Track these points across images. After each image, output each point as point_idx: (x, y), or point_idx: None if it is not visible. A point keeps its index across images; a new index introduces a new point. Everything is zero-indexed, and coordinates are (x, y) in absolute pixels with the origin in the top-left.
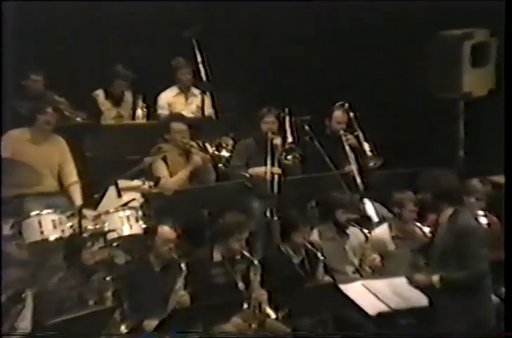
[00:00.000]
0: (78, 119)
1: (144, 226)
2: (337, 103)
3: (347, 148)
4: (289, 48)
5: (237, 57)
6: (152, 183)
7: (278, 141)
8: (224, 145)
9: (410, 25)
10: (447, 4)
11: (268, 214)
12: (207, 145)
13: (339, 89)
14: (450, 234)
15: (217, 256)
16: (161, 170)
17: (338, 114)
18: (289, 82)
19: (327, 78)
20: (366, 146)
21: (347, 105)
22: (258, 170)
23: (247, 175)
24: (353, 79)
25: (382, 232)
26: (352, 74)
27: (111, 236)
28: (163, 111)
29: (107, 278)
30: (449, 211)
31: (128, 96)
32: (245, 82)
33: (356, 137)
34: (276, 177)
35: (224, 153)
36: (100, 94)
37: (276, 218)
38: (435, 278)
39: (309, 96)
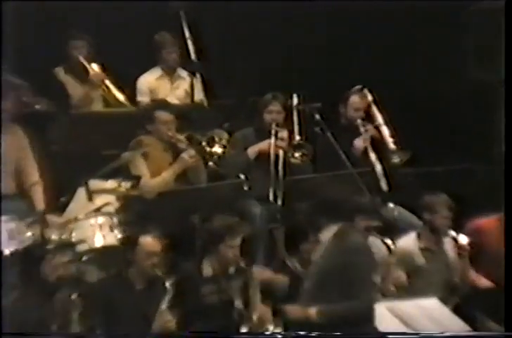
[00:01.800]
0: (37, 106)
1: (120, 236)
2: (354, 87)
3: (367, 140)
4: (296, 21)
5: (233, 32)
6: (130, 184)
7: (283, 134)
8: (217, 139)
9: None
10: None
11: (271, 220)
12: (198, 139)
13: (356, 70)
14: (333, 256)
15: (208, 270)
16: (141, 168)
17: (355, 100)
18: (296, 62)
19: (342, 57)
20: (389, 139)
21: (365, 89)
22: (261, 146)
23: (243, 177)
24: (372, 58)
25: (409, 243)
26: (371, 52)
27: (81, 248)
28: (144, 98)
29: (74, 297)
30: (332, 229)
31: (95, 67)
32: (243, 61)
33: (377, 128)
34: (281, 154)
35: (217, 149)
36: (59, 70)
37: (280, 226)
38: (312, 311)
39: (320, 79)
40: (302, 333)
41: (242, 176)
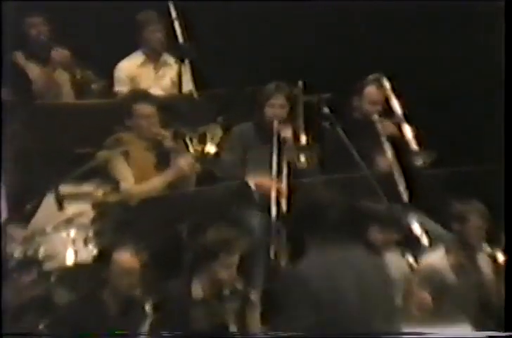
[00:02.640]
0: None
1: (95, 251)
2: (370, 76)
3: (384, 139)
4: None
5: (229, 10)
6: (108, 189)
7: (287, 133)
8: (209, 136)
9: None
10: None
11: (272, 231)
12: (187, 135)
13: (372, 57)
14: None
15: (197, 291)
16: (120, 170)
17: (371, 91)
18: (301, 46)
19: (356, 40)
20: (411, 138)
21: (384, 78)
22: (259, 182)
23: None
24: (391, 42)
25: (435, 258)
26: (391, 35)
27: (49, 265)
28: (122, 87)
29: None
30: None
31: (61, 50)
32: (240, 45)
33: (397, 124)
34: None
35: (209, 148)
36: (19, 54)
37: (283, 237)
38: None
39: (331, 66)
40: (294, 333)
41: None
